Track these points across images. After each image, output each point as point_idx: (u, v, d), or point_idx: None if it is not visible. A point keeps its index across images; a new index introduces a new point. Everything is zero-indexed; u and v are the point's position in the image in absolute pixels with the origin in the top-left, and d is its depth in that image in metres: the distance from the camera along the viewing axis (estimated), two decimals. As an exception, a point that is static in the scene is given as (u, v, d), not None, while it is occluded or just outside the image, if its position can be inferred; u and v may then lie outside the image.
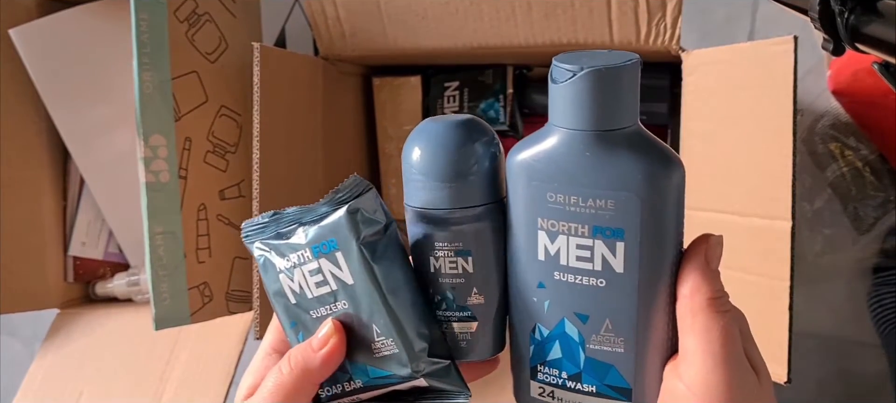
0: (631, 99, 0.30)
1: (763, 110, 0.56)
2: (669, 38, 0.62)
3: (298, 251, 0.34)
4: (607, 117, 0.29)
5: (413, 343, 0.34)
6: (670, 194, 0.31)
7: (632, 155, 0.30)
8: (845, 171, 0.78)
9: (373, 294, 0.33)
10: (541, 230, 0.32)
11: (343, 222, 0.33)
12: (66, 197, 0.93)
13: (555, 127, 0.31)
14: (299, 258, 0.34)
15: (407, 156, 0.34)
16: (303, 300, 0.35)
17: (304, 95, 0.74)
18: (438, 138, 0.33)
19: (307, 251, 0.34)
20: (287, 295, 0.35)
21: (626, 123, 0.30)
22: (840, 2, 0.44)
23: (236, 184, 0.77)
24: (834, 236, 0.80)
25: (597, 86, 0.29)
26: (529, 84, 0.81)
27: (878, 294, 0.77)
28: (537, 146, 0.31)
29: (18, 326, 1.24)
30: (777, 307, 0.54)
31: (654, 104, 0.74)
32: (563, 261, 0.32)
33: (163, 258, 0.70)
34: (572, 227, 0.31)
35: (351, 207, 0.33)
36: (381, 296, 0.33)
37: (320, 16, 0.72)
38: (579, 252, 0.31)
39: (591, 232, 0.31)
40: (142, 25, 0.68)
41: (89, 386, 0.82)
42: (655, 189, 0.30)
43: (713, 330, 0.30)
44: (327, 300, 0.34)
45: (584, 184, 0.30)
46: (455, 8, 0.67)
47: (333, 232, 0.33)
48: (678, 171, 0.31)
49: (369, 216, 0.33)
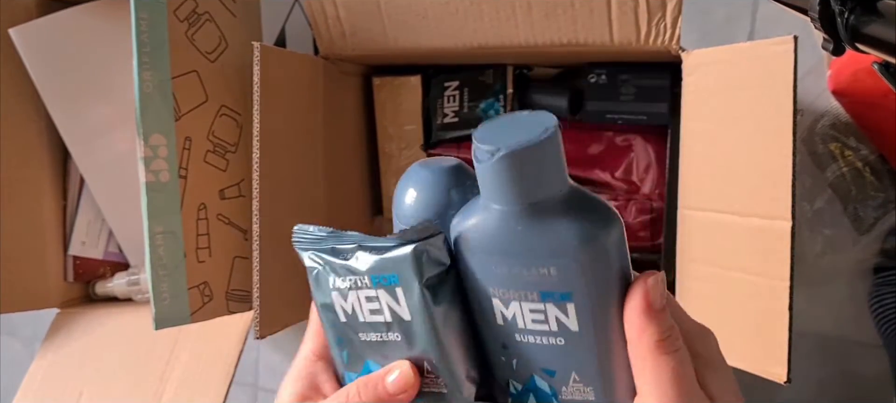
0: (555, 167, 0.29)
1: (763, 110, 0.56)
2: (669, 37, 0.62)
3: (356, 275, 0.33)
4: (533, 191, 0.29)
5: (462, 386, 0.34)
6: (610, 250, 0.30)
7: (564, 221, 0.30)
8: (845, 172, 0.78)
9: (429, 333, 0.33)
10: (494, 297, 0.32)
11: (408, 261, 0.32)
12: (66, 197, 0.93)
13: (487, 201, 0.30)
14: (356, 282, 0.33)
15: (399, 202, 0.34)
16: (354, 321, 0.34)
17: (304, 95, 0.74)
18: (428, 184, 0.33)
19: (366, 278, 0.33)
20: (337, 312, 0.35)
21: (554, 190, 0.29)
22: (840, 2, 0.44)
23: (236, 184, 0.77)
24: (834, 236, 0.80)
25: (516, 165, 0.28)
26: (530, 84, 0.81)
27: (879, 294, 0.77)
28: (473, 219, 0.31)
29: (18, 326, 1.24)
30: (777, 307, 0.54)
31: (654, 104, 0.74)
32: (521, 325, 0.32)
33: (163, 257, 0.70)
34: (522, 293, 0.31)
35: (418, 248, 0.32)
36: (436, 337, 0.33)
37: (320, 15, 0.72)
38: (534, 316, 0.32)
39: (540, 298, 0.31)
40: (142, 25, 0.68)
41: (89, 386, 0.82)
42: (593, 249, 0.30)
43: (663, 371, 0.30)
44: (379, 328, 0.34)
45: (523, 256, 0.30)
46: (455, 8, 0.67)
47: (396, 268, 0.32)
48: (615, 227, 0.30)
49: (435, 258, 0.33)
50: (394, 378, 0.34)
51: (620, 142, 0.80)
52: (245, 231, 0.77)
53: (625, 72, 0.75)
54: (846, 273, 0.80)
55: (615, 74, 0.75)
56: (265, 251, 0.67)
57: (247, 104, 0.67)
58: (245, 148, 0.75)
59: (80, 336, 0.87)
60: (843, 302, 0.80)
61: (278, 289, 0.69)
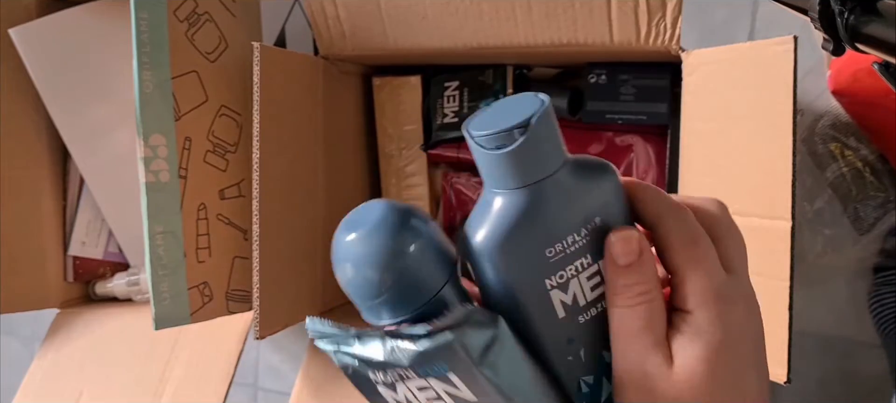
0: (559, 134, 0.30)
1: (763, 110, 0.56)
2: (669, 37, 0.62)
3: (397, 369, 0.29)
4: (553, 159, 0.29)
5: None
6: (620, 191, 0.31)
7: (583, 176, 0.30)
8: (845, 172, 0.78)
9: (497, 396, 0.29)
10: (552, 290, 0.30)
11: (455, 351, 0.28)
12: (66, 197, 0.93)
13: (505, 191, 0.29)
14: (399, 375, 0.29)
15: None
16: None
17: (304, 95, 0.74)
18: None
19: (409, 371, 0.29)
20: (389, 401, 0.31)
21: (565, 155, 0.30)
22: (840, 2, 0.44)
23: (236, 184, 0.77)
24: (834, 236, 0.80)
25: (539, 136, 0.28)
26: (530, 84, 0.81)
27: (879, 294, 0.77)
28: (502, 217, 0.29)
29: (18, 326, 1.24)
30: (777, 307, 0.54)
31: (654, 104, 0.74)
32: (582, 301, 0.31)
33: (163, 258, 0.70)
34: (577, 264, 0.31)
35: (460, 339, 0.28)
36: (506, 395, 0.29)
37: (320, 15, 0.72)
38: (592, 282, 0.31)
39: (594, 259, 0.31)
40: (141, 25, 0.68)
41: (89, 386, 0.82)
42: (615, 189, 0.31)
43: (616, 323, 0.31)
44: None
45: (569, 223, 0.30)
46: (455, 8, 0.67)
47: (443, 360, 0.28)
48: (615, 171, 0.32)
49: (479, 334, 0.28)
50: None
51: (620, 142, 0.80)
52: (245, 231, 0.77)
53: (625, 72, 0.75)
54: (846, 273, 0.80)
55: (615, 74, 0.75)
56: (265, 251, 0.67)
57: (247, 104, 0.67)
58: (245, 148, 0.75)
59: (80, 336, 0.87)
60: (843, 301, 0.80)
61: (278, 289, 0.69)
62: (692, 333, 0.29)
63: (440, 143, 0.84)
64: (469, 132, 0.29)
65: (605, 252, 0.30)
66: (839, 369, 0.82)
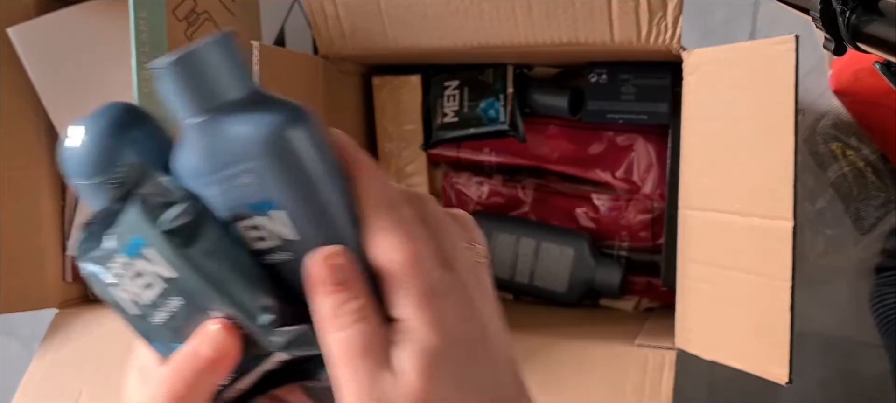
0: (230, 71, 0.29)
1: (764, 110, 0.56)
2: (670, 37, 0.62)
3: (113, 254, 0.30)
4: (209, 96, 0.28)
5: (257, 319, 0.30)
6: (300, 147, 0.29)
7: (244, 121, 0.29)
8: (847, 171, 0.78)
9: (200, 282, 0.29)
10: (237, 222, 0.30)
11: (138, 217, 0.29)
12: (65, 197, 0.93)
13: (181, 123, 0.29)
14: (121, 266, 0.30)
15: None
16: (144, 308, 0.31)
17: (304, 95, 0.74)
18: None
19: (122, 255, 0.30)
20: (128, 309, 0.31)
21: (233, 94, 0.29)
22: (841, 1, 0.43)
23: (236, 184, 0.77)
24: (836, 236, 0.80)
25: (186, 69, 0.28)
26: (530, 83, 0.80)
27: (881, 294, 0.76)
28: (178, 147, 0.30)
29: (17, 326, 1.24)
30: (778, 307, 0.54)
31: (655, 104, 0.74)
32: (255, 247, 0.30)
33: (162, 258, 0.69)
34: (235, 212, 0.30)
35: (140, 198, 0.29)
36: (210, 282, 0.29)
37: (320, 15, 0.72)
38: (254, 233, 0.30)
39: (250, 211, 0.29)
40: (141, 24, 0.68)
41: (89, 386, 0.81)
42: (279, 146, 0.29)
43: (330, 346, 0.29)
44: (161, 302, 0.30)
45: (219, 168, 0.29)
46: (455, 7, 0.67)
47: (133, 231, 0.29)
48: (302, 121, 0.30)
49: (162, 199, 0.29)
50: (200, 344, 0.30)
51: (621, 141, 0.79)
52: (244, 231, 0.77)
53: (625, 71, 0.75)
54: (848, 273, 0.80)
55: (616, 74, 0.75)
56: (264, 251, 0.67)
57: (246, 104, 0.67)
58: (244, 147, 0.75)
59: (80, 336, 0.87)
60: (844, 302, 0.80)
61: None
62: (406, 342, 0.28)
63: (440, 143, 0.84)
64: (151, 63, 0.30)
65: (308, 276, 0.29)
66: (841, 369, 0.82)
